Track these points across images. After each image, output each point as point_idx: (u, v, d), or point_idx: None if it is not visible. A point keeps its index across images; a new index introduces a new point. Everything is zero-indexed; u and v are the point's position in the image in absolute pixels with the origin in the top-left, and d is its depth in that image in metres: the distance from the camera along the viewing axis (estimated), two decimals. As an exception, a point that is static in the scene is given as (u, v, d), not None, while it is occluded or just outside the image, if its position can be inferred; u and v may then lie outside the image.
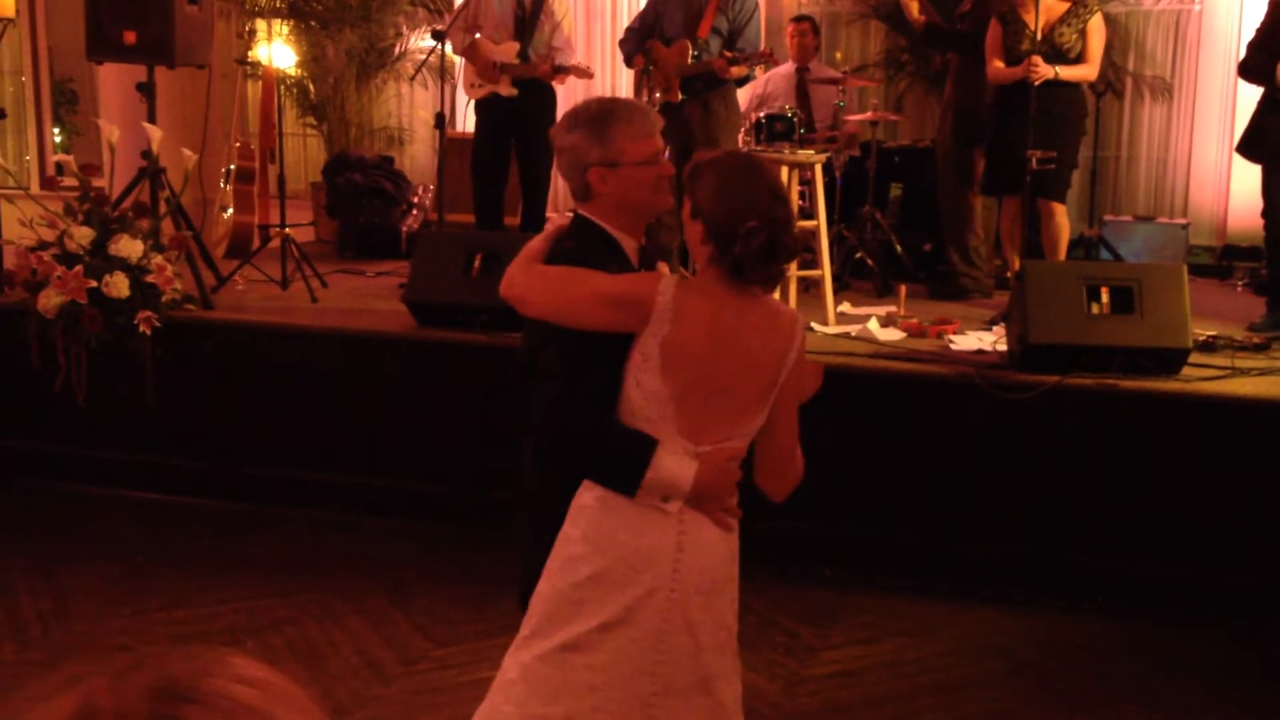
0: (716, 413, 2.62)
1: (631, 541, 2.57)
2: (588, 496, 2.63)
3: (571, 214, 2.89)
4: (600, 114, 2.80)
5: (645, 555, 2.57)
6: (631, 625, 2.56)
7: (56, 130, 10.64)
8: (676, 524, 2.59)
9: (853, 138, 8.22)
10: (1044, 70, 6.24)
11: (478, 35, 6.98)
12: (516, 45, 7.00)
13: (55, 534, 5.60)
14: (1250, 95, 6.76)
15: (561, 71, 6.96)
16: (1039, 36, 6.30)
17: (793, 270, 6.45)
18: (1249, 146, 6.44)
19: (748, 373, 2.62)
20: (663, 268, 2.92)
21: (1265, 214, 6.41)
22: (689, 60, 6.75)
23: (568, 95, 8.41)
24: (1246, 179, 7.90)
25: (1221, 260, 8.66)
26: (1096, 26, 6.43)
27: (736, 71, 6.82)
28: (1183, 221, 8.66)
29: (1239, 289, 8.02)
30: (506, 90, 6.95)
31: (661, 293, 2.56)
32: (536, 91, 6.99)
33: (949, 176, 7.47)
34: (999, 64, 6.53)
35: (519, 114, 6.95)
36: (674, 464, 2.56)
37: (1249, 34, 6.60)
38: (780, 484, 2.83)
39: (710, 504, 2.62)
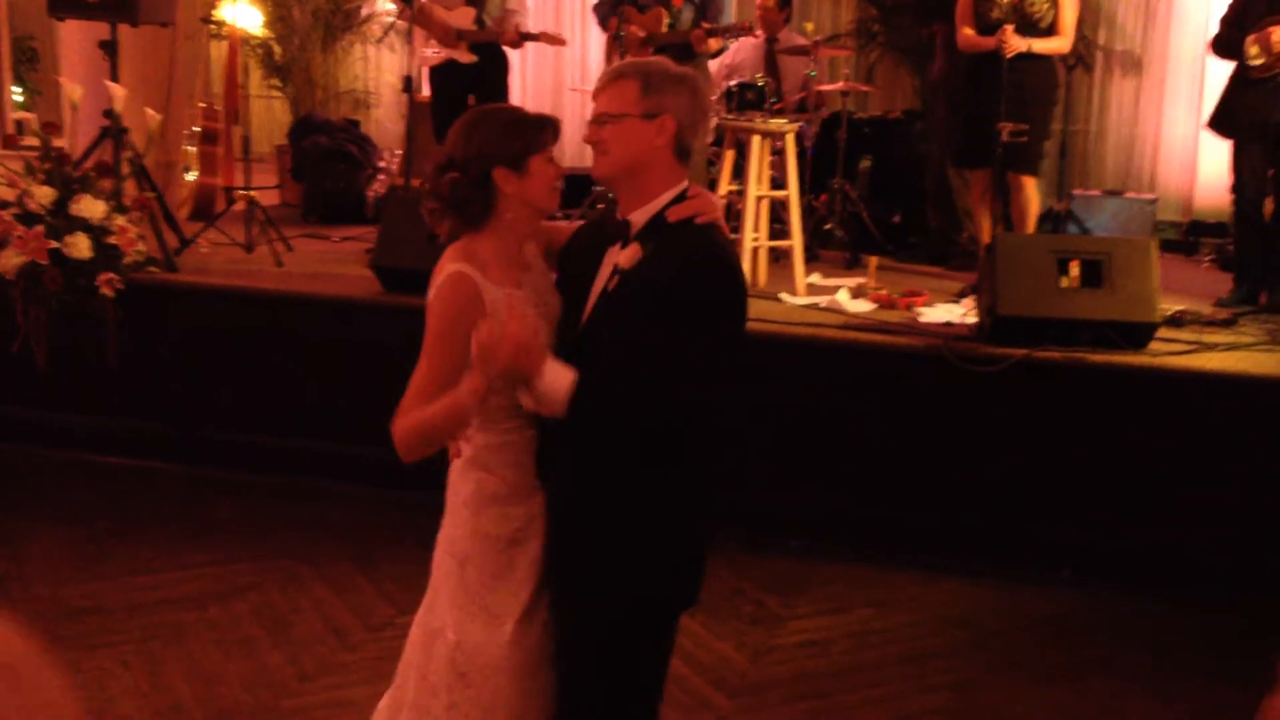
0: None
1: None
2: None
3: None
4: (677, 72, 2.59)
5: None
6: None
7: (16, 89, 10.46)
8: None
9: (820, 96, 8.16)
10: (1016, 43, 6.19)
11: (423, 2, 6.83)
12: (472, 11, 6.90)
13: (14, 498, 5.53)
14: (1220, 71, 6.78)
15: (529, 38, 6.88)
16: (1009, 4, 6.25)
17: (763, 240, 6.44)
18: (1219, 123, 6.46)
19: None
20: None
21: (1234, 190, 6.45)
22: (663, 29, 6.69)
23: (538, 60, 8.35)
24: (1214, 155, 7.94)
25: (1188, 236, 8.70)
26: (1070, -3, 6.39)
27: (714, 44, 6.76)
28: (1150, 196, 8.69)
29: (1205, 265, 8.07)
30: (466, 57, 6.85)
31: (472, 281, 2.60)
32: (491, 56, 6.91)
33: (942, 145, 7.45)
34: (969, 31, 6.47)
35: (477, 79, 6.86)
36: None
37: (1220, 9, 6.61)
38: None
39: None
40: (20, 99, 10.52)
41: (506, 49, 6.96)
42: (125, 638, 4.24)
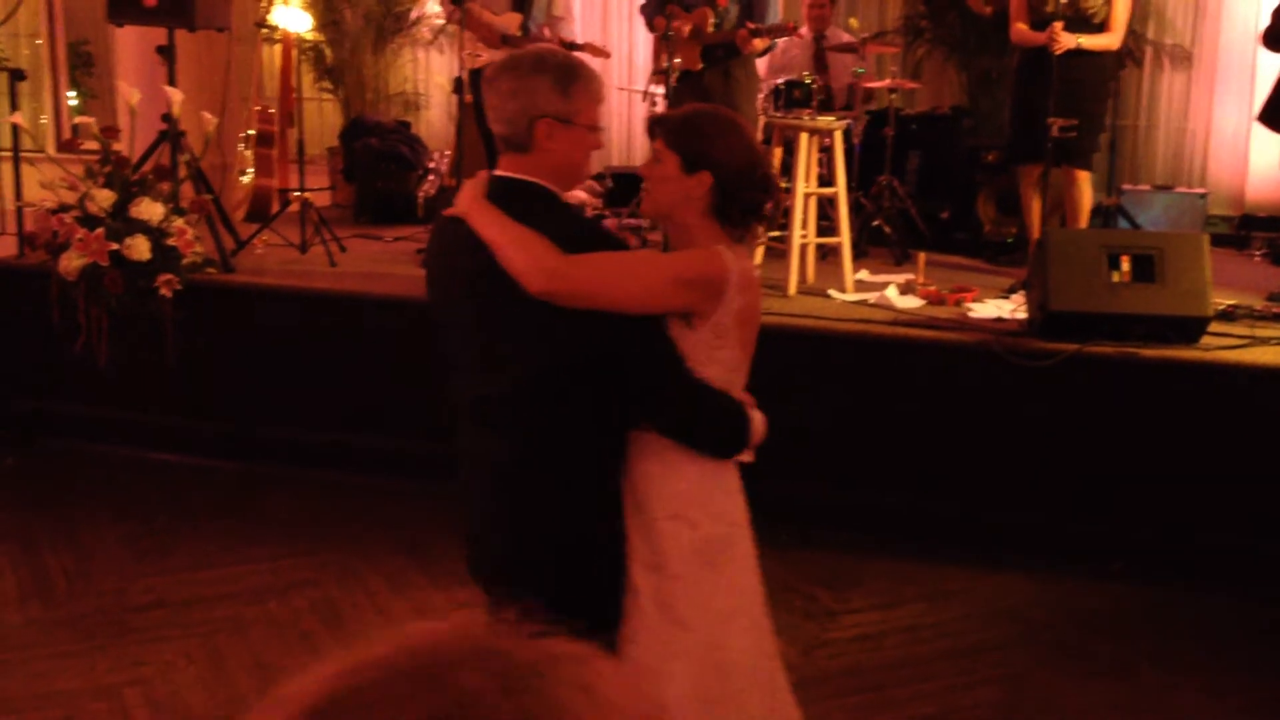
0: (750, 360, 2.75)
1: (731, 499, 2.71)
2: (681, 482, 2.64)
3: (493, 177, 2.68)
4: (568, 66, 2.64)
5: (740, 506, 2.73)
6: (747, 564, 2.72)
7: (72, 93, 10.64)
8: (735, 472, 2.74)
9: (868, 95, 8.15)
10: (1065, 40, 6.18)
11: (473, 4, 6.88)
12: (519, 17, 6.96)
13: (76, 494, 5.65)
14: (1271, 64, 6.73)
15: (573, 48, 6.93)
16: (1063, 0, 6.25)
17: (811, 237, 6.46)
18: (1270, 116, 6.42)
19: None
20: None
21: (1285, 183, 6.40)
22: (709, 28, 6.72)
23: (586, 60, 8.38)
24: (1266, 148, 7.87)
25: (1240, 230, 8.62)
26: (1124, -6, 6.36)
27: (759, 44, 6.78)
28: (1201, 191, 8.62)
29: (1257, 259, 7.99)
30: None
31: (730, 269, 2.60)
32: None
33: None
34: (1022, 26, 6.48)
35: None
36: (759, 419, 2.68)
37: (1271, 2, 6.55)
38: None
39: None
40: (75, 103, 10.70)
41: None
42: (188, 631, 4.33)
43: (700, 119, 2.72)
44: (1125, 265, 5.17)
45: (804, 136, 6.29)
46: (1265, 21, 6.55)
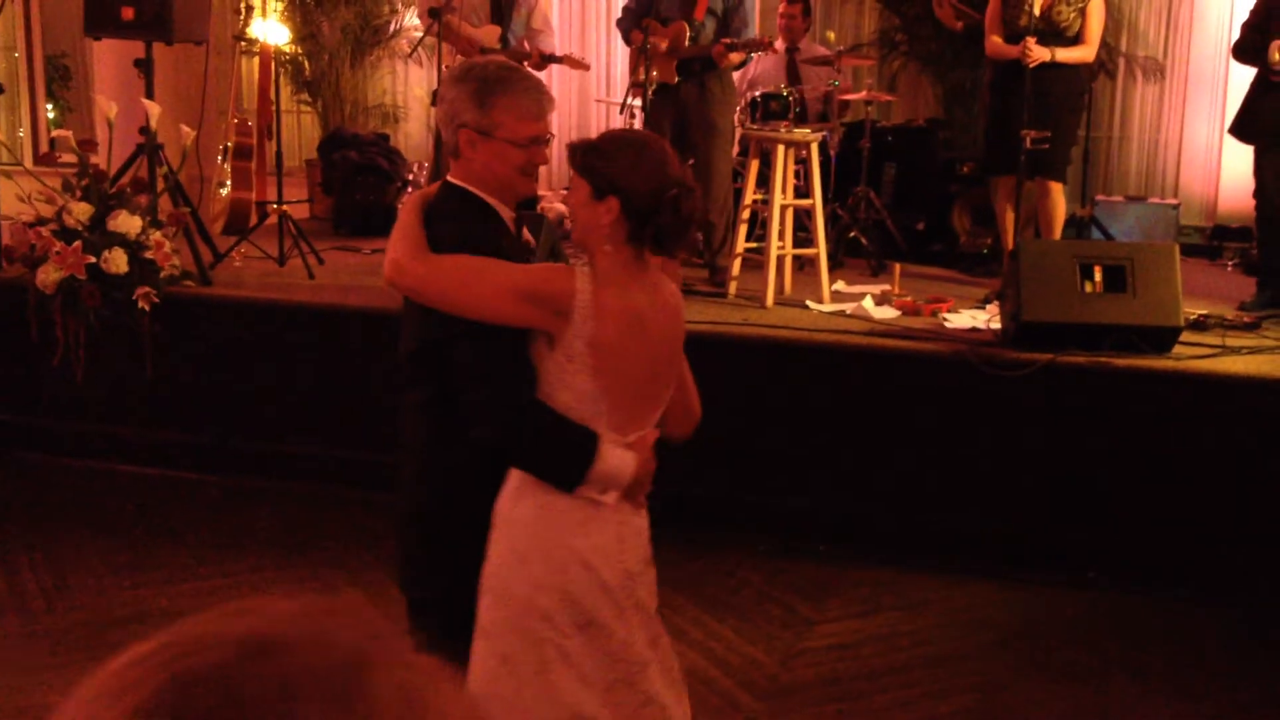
0: (644, 402, 2.62)
1: (582, 542, 2.56)
2: (523, 509, 2.58)
3: (441, 182, 2.79)
4: (491, 79, 2.70)
5: (598, 552, 2.56)
6: (600, 624, 2.57)
7: (49, 106, 10.62)
8: (615, 516, 2.59)
9: (843, 108, 8.23)
10: (1038, 54, 6.27)
11: (451, 17, 6.91)
12: (497, 29, 6.99)
13: (54, 508, 5.64)
14: (1242, 76, 6.80)
15: (552, 60, 6.96)
16: (1037, 13, 6.33)
17: (788, 248, 6.50)
18: (1241, 128, 6.49)
19: (667, 356, 2.62)
20: (527, 236, 2.89)
21: (1256, 194, 6.47)
22: (685, 43, 6.76)
23: (563, 73, 8.43)
24: (1237, 160, 7.95)
25: (1212, 240, 8.71)
26: (1096, 7, 6.44)
27: (734, 58, 6.83)
28: (1174, 202, 8.70)
29: (1229, 269, 8.07)
30: None
31: (580, 290, 2.50)
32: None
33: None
34: (997, 39, 6.56)
35: None
36: (617, 456, 2.54)
37: (1242, 15, 6.64)
38: (685, 427, 2.83)
39: (639, 493, 2.62)
40: (52, 116, 10.68)
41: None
42: (167, 644, 4.32)
43: (606, 142, 2.63)
44: (1098, 276, 5.23)
45: (780, 149, 6.33)
46: (1236, 35, 6.64)
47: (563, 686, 2.55)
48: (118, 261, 5.74)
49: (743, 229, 6.48)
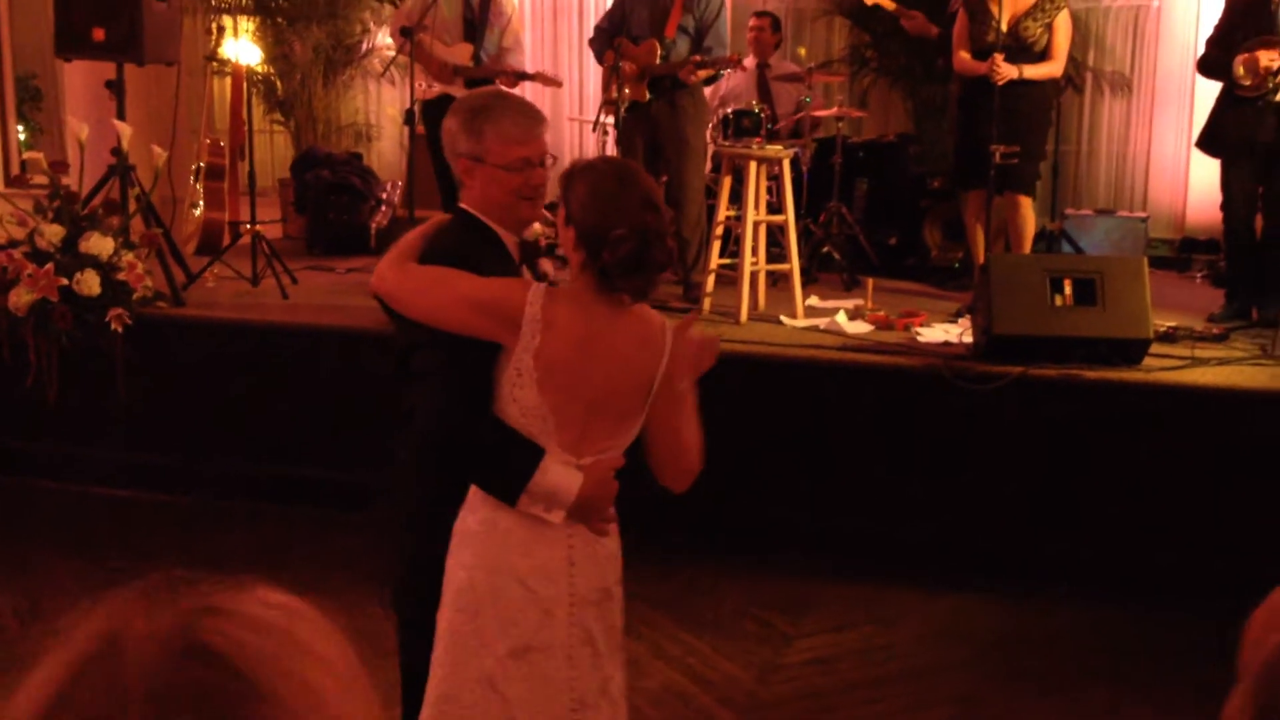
0: (596, 424, 2.58)
1: (523, 562, 2.55)
2: (471, 521, 2.60)
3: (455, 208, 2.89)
4: (479, 107, 2.82)
5: (540, 574, 2.55)
6: (538, 649, 2.55)
7: (20, 127, 10.56)
8: (565, 539, 2.57)
9: (815, 124, 8.28)
10: (1006, 71, 6.32)
11: (423, 36, 6.91)
12: (470, 48, 7.00)
13: (27, 532, 5.60)
14: (1208, 90, 6.87)
15: (524, 78, 6.98)
16: (1004, 29, 6.38)
17: (761, 264, 6.53)
18: (1207, 141, 6.55)
19: (624, 383, 2.58)
20: (545, 265, 2.91)
21: (1223, 207, 6.53)
22: (656, 60, 6.80)
23: (536, 92, 8.45)
24: (1205, 173, 8.02)
25: (1180, 253, 8.78)
26: (1063, 23, 6.51)
27: (703, 74, 6.87)
28: (1142, 215, 8.78)
29: (1198, 281, 8.14)
30: (461, 93, 6.95)
31: (530, 303, 2.50)
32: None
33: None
34: (964, 55, 6.61)
35: None
36: (560, 473, 2.53)
37: (1207, 30, 6.71)
38: (673, 479, 2.72)
39: (592, 516, 2.59)
40: (23, 137, 10.62)
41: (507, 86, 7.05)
42: (142, 667, 4.30)
43: (579, 169, 2.63)
44: (1068, 289, 5.27)
45: (753, 165, 6.37)
46: (1201, 50, 6.71)
47: (492, 713, 2.54)
48: (90, 283, 5.73)
49: (716, 245, 6.50)
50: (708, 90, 7.61)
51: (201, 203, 7.37)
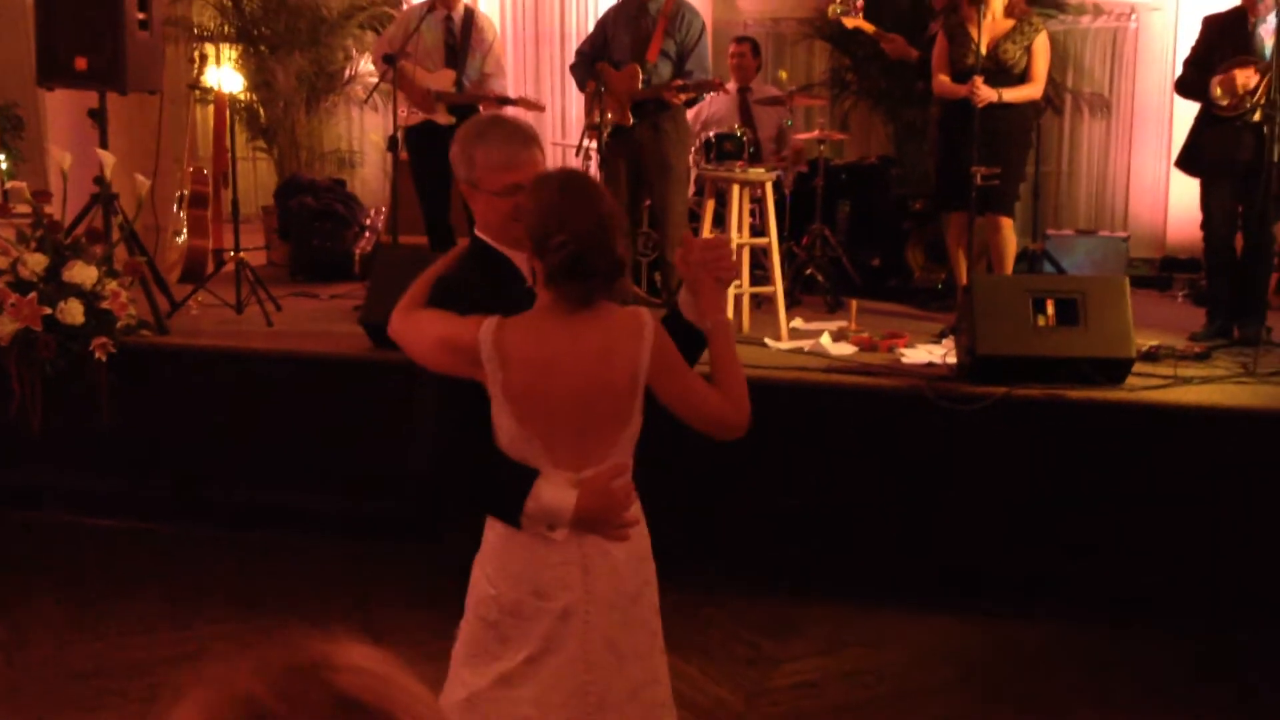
0: (590, 436, 2.57)
1: (537, 574, 2.57)
2: (491, 535, 2.64)
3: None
4: (472, 134, 2.88)
5: (552, 583, 2.56)
6: (554, 653, 2.56)
7: (2, 156, 10.55)
8: (577, 548, 2.58)
9: (800, 153, 8.35)
10: (986, 94, 6.37)
11: (406, 63, 6.93)
12: (452, 74, 7.03)
13: (12, 562, 5.56)
14: (1187, 111, 6.93)
15: (506, 103, 7.00)
16: (984, 52, 6.43)
17: (745, 287, 6.55)
18: (1187, 161, 6.61)
19: (603, 390, 2.55)
20: None
21: (1204, 226, 6.58)
22: (639, 85, 6.83)
23: (520, 117, 8.45)
24: (1185, 193, 8.09)
25: (1162, 272, 8.85)
26: (1042, 45, 6.56)
27: (685, 97, 6.90)
28: (1123, 235, 8.84)
29: (1179, 300, 8.19)
30: (444, 119, 6.98)
31: (482, 340, 2.50)
32: (470, 117, 7.01)
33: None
34: (944, 78, 6.66)
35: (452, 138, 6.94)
36: (553, 494, 2.54)
37: (1184, 51, 6.76)
38: (723, 429, 2.78)
39: (600, 527, 2.60)
40: (5, 166, 10.61)
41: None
42: (128, 699, 4.28)
43: (535, 180, 2.65)
44: (1050, 309, 5.30)
45: (736, 188, 6.39)
46: (1179, 71, 6.77)
47: (509, 713, 2.57)
48: (73, 312, 5.71)
49: (700, 268, 6.50)
50: (690, 112, 7.65)
51: (185, 230, 7.37)
